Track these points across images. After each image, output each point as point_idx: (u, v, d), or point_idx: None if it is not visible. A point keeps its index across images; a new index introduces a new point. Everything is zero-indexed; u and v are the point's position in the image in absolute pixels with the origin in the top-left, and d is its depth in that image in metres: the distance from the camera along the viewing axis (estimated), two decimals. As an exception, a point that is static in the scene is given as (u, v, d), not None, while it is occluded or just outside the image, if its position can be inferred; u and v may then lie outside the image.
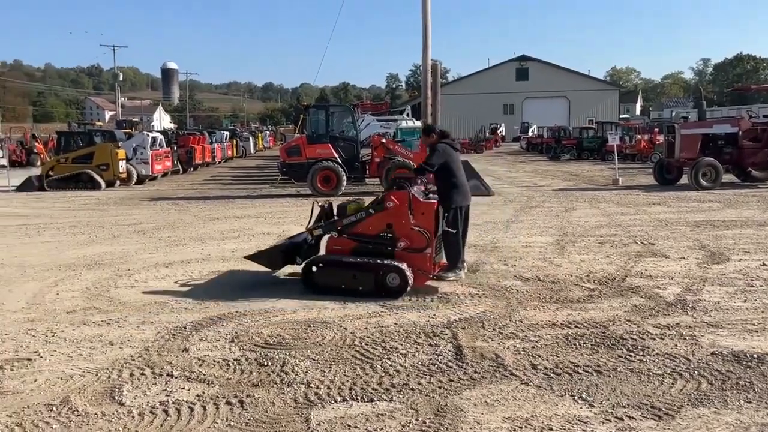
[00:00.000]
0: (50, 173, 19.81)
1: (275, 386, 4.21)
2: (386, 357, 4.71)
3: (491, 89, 61.52)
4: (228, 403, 3.95)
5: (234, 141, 37.75)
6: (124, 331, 5.43)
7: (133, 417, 3.78)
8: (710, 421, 3.63)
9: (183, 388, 4.19)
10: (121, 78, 74.08)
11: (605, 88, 66.50)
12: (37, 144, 32.22)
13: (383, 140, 17.91)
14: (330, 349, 4.89)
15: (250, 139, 45.05)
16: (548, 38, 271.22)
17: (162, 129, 49.48)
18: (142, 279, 7.38)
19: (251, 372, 4.47)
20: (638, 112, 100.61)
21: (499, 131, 52.67)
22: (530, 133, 45.96)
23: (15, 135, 39.23)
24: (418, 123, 31.04)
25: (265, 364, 4.60)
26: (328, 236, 6.88)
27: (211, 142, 30.99)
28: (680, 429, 3.56)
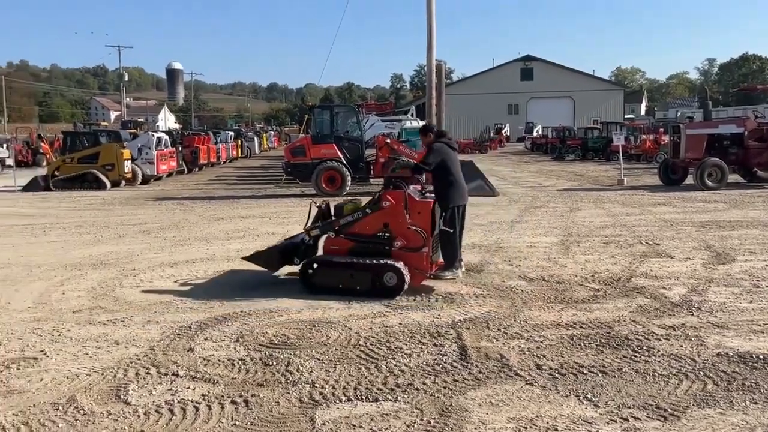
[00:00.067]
0: (56, 173, 19.89)
1: (280, 386, 4.22)
2: (391, 357, 4.71)
3: (496, 89, 61.39)
4: (233, 402, 3.96)
5: (239, 141, 37.80)
6: (129, 330, 5.45)
7: (139, 416, 3.80)
8: (716, 422, 3.62)
9: (188, 388, 4.20)
10: (126, 78, 74.44)
11: (610, 88, 66.28)
12: (42, 144, 32.35)
13: (388, 140, 17.91)
14: (335, 349, 4.89)
15: (255, 139, 45.13)
16: (553, 38, 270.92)
17: (167, 129, 49.53)
18: (147, 279, 7.41)
19: (256, 372, 4.47)
20: (643, 112, 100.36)
21: (503, 131, 52.55)
22: (535, 134, 45.84)
23: (21, 135, 39.48)
24: (422, 123, 31.00)
25: (270, 363, 4.61)
26: (325, 236, 6.90)
27: (216, 143, 31.04)
28: (686, 430, 3.55)
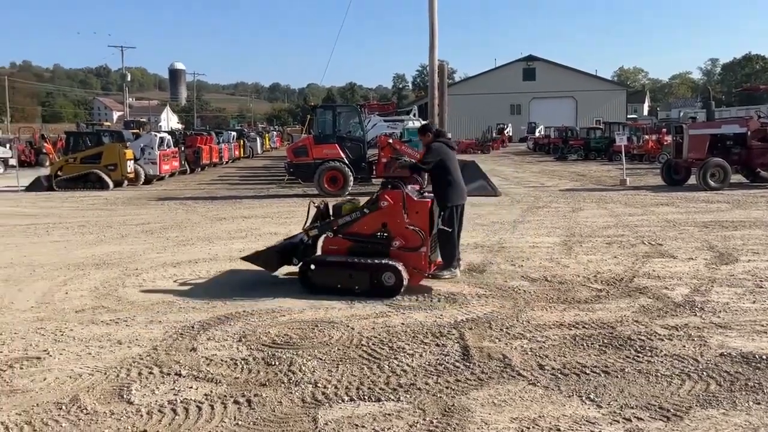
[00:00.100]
0: (59, 173, 19.94)
1: (283, 386, 4.22)
2: (393, 357, 4.71)
3: (498, 89, 61.35)
4: (236, 402, 3.97)
5: (241, 141, 37.85)
6: (132, 330, 5.46)
7: (142, 416, 3.80)
8: (719, 422, 3.62)
9: (191, 387, 4.20)
10: (129, 78, 74.52)
11: (613, 89, 66.19)
12: (45, 144, 32.44)
13: (390, 140, 17.90)
14: (337, 349, 4.89)
15: (257, 139, 45.16)
16: (555, 38, 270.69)
17: (169, 129, 49.67)
18: (150, 278, 7.42)
19: (259, 371, 4.48)
20: (646, 112, 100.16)
21: (506, 131, 52.52)
22: (537, 134, 45.81)
23: (24, 135, 39.52)
24: (422, 123, 30.98)
25: (273, 363, 4.61)
26: (324, 236, 6.90)
27: (219, 143, 31.08)
28: (689, 430, 3.54)
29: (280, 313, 5.89)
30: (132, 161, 20.41)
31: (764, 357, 4.56)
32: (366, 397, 4.01)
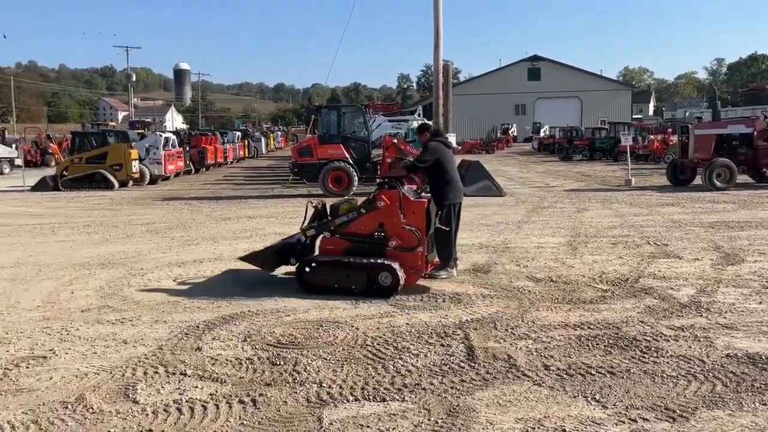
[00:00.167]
0: (64, 173, 20.00)
1: (288, 385, 4.23)
2: (398, 357, 4.71)
3: (503, 89, 61.28)
4: (241, 401, 3.97)
5: (246, 141, 37.86)
6: (137, 329, 5.47)
7: (147, 415, 3.81)
8: (725, 423, 3.60)
9: (196, 387, 4.21)
10: (134, 79, 74.78)
11: (618, 89, 66.06)
12: (51, 144, 32.51)
13: (394, 140, 17.89)
14: (342, 349, 4.90)
15: (262, 139, 45.21)
16: (560, 38, 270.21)
17: (174, 129, 49.75)
18: (155, 278, 7.44)
19: (264, 371, 4.48)
20: (651, 112, 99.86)
21: (510, 131, 52.44)
22: (542, 134, 45.70)
23: (30, 135, 39.62)
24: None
25: (278, 363, 4.62)
26: (321, 236, 6.91)
27: (223, 143, 31.13)
28: (695, 431, 3.53)
29: (284, 312, 5.90)
30: (137, 161, 20.46)
31: (771, 358, 4.54)
32: (371, 397, 4.01)
